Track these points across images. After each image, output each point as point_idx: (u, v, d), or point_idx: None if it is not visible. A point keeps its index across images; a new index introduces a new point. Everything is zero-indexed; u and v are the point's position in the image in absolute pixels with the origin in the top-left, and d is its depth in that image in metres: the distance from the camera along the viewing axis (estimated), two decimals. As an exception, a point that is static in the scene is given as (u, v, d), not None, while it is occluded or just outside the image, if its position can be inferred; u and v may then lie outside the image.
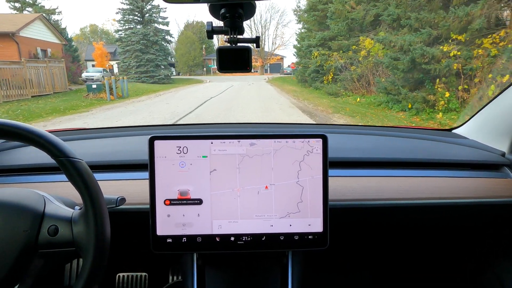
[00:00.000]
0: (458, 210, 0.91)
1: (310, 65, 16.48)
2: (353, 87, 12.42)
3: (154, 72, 25.80)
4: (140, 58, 25.76)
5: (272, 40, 66.67)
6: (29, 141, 0.58)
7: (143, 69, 25.76)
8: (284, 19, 59.15)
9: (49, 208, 0.63)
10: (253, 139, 0.74)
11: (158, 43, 26.06)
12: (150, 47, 26.14)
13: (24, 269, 0.59)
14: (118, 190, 0.85)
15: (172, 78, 27.49)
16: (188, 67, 38.54)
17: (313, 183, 0.75)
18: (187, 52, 38.40)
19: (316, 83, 16.37)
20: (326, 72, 15.13)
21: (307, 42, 16.33)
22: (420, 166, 1.00)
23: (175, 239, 0.74)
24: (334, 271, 1.21)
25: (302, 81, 18.92)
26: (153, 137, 0.72)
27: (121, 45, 25.68)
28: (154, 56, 26.06)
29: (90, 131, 1.23)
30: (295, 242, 0.76)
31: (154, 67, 25.93)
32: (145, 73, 25.74)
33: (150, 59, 25.95)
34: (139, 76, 25.67)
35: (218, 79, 29.89)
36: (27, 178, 0.91)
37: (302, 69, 18.67)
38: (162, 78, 25.70)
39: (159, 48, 26.15)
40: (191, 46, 38.64)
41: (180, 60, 38.72)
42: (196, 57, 38.71)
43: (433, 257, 1.19)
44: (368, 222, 0.94)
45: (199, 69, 39.41)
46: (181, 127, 1.38)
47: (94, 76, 21.09)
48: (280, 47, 43.43)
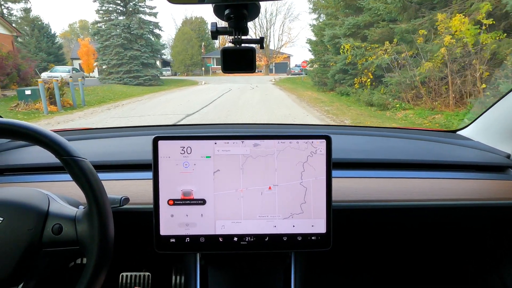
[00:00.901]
0: (462, 212, 0.91)
1: (333, 63, 12.28)
2: (415, 96, 8.11)
3: (139, 71, 21.63)
4: (122, 55, 21.58)
5: (278, 37, 60.95)
6: (34, 140, 0.58)
7: (125, 68, 21.58)
8: (292, 12, 54.30)
9: (53, 207, 0.63)
10: (256, 139, 0.74)
11: (144, 37, 21.84)
12: (134, 42, 21.91)
13: (28, 267, 0.59)
14: (122, 190, 0.86)
15: (162, 78, 23.90)
16: (185, 66, 34.59)
17: (316, 184, 0.74)
18: (184, 50, 34.51)
19: (342, 86, 12.13)
20: (360, 73, 10.83)
21: (330, 31, 12.05)
22: (425, 168, 0.99)
23: (179, 239, 0.74)
24: (337, 272, 1.20)
25: (320, 84, 14.83)
26: (157, 137, 0.72)
27: (99, 39, 21.54)
28: (139, 52, 21.85)
29: (94, 131, 1.24)
30: (298, 243, 0.75)
31: (139, 65, 21.76)
32: (128, 73, 21.56)
33: (134, 56, 21.74)
34: (121, 77, 21.53)
35: (216, 80, 26.24)
36: (32, 178, 0.91)
37: (319, 68, 14.57)
38: (149, 79, 21.62)
39: (145, 43, 21.92)
40: (188, 43, 34.82)
41: (176, 59, 34.99)
42: (194, 56, 34.97)
43: (436, 259, 1.18)
44: (372, 224, 0.93)
45: (197, 69, 35.73)
46: (184, 127, 1.40)
47: (58, 77, 16.88)
48: (287, 44, 39.30)
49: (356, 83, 11.50)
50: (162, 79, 22.87)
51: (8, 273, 0.57)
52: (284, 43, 37.88)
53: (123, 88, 17.84)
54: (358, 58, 10.38)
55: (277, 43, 54.08)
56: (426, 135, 1.21)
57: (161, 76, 32.07)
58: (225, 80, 25.42)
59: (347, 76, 11.95)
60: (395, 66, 8.89)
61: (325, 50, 14.41)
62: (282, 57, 36.09)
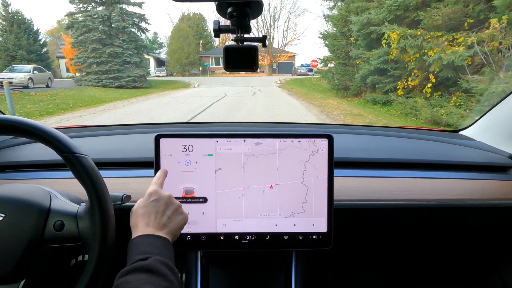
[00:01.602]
0: (464, 212, 0.90)
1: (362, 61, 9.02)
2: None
3: (121, 71, 18.34)
4: (100, 52, 18.30)
5: (282, 34, 56.48)
6: (36, 137, 0.58)
7: (104, 67, 18.30)
8: (298, 6, 50.52)
9: (55, 203, 0.63)
10: (258, 138, 0.73)
11: (127, 31, 18.58)
12: (115, 36, 18.65)
13: (30, 264, 0.59)
14: (123, 188, 0.86)
15: (149, 80, 20.89)
16: (180, 66, 31.84)
17: (318, 183, 0.74)
18: (180, 48, 31.81)
19: (375, 93, 8.87)
20: (407, 74, 7.53)
21: (363, 17, 8.72)
22: (427, 168, 0.99)
23: (180, 237, 0.72)
24: (338, 271, 1.19)
25: (340, 88, 11.51)
26: (159, 135, 0.72)
27: (74, 34, 18.31)
28: (121, 49, 18.57)
29: (96, 129, 1.25)
30: (299, 241, 0.75)
31: (121, 64, 18.51)
32: (107, 73, 18.29)
33: (114, 54, 18.45)
34: (99, 78, 18.27)
35: (212, 81, 23.02)
36: (34, 174, 0.92)
37: (340, 68, 11.18)
38: (132, 81, 18.33)
39: (128, 38, 18.67)
40: (185, 41, 32.07)
41: (171, 58, 32.26)
42: (191, 54, 32.20)
43: (437, 258, 1.18)
44: (373, 223, 0.93)
45: (194, 69, 32.99)
46: (186, 125, 1.37)
47: (15, 78, 13.66)
48: (292, 42, 35.65)
49: (399, 88, 8.15)
50: (149, 81, 19.66)
51: (10, 270, 0.58)
52: (290, 41, 34.27)
53: (98, 92, 15.07)
54: (413, 53, 7.03)
55: (282, 40, 49.88)
56: (428, 135, 1.21)
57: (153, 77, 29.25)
58: (222, 81, 22.39)
59: (385, 78, 8.65)
60: (487, 65, 5.53)
61: (348, 44, 11.05)
62: (286, 56, 32.94)
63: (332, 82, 12.84)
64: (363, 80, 9.61)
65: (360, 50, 9.67)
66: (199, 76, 31.40)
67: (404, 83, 8.17)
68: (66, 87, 16.18)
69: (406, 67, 7.95)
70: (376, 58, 8.55)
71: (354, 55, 10.03)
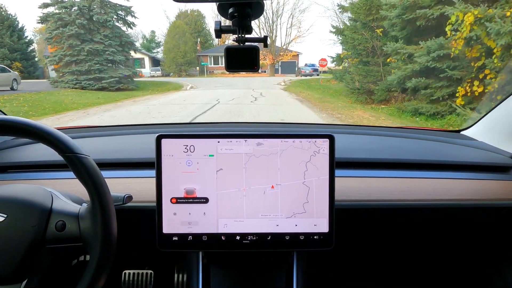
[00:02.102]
0: (465, 212, 0.90)
1: (395, 59, 6.87)
2: None
3: (103, 71, 16.05)
4: (77, 49, 15.99)
5: (285, 31, 52.94)
6: (38, 138, 0.58)
7: (82, 66, 16.00)
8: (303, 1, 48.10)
9: (56, 204, 0.63)
10: (259, 138, 0.73)
11: (109, 26, 16.27)
12: (95, 31, 16.35)
13: (32, 264, 0.59)
14: (125, 188, 0.86)
15: (137, 81, 18.44)
16: (176, 65, 29.68)
17: (319, 183, 0.74)
18: (175, 46, 29.60)
19: (416, 101, 6.54)
20: (476, 76, 5.18)
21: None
22: (428, 168, 0.98)
23: (181, 238, 0.74)
24: (339, 272, 1.19)
25: (362, 92, 9.21)
26: (160, 135, 0.72)
27: (48, 28, 16.01)
28: (102, 46, 16.24)
29: (97, 129, 1.25)
30: (300, 242, 0.75)
31: (103, 63, 16.21)
32: (87, 73, 16.01)
33: (94, 51, 16.18)
34: (77, 79, 16.00)
35: (209, 83, 20.72)
36: (36, 175, 0.92)
37: (362, 68, 8.87)
38: (115, 82, 16.04)
39: (110, 33, 16.35)
40: (181, 39, 29.93)
41: (167, 57, 30.17)
42: (188, 53, 29.98)
43: (439, 258, 1.18)
44: (374, 223, 0.93)
45: (192, 69, 30.91)
46: (188, 125, 1.40)
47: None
48: (296, 40, 33.25)
49: (458, 96, 5.78)
50: (136, 82, 17.34)
51: (12, 270, 0.58)
52: (294, 38, 31.88)
53: (71, 95, 12.95)
54: (503, 43, 4.64)
55: (285, 38, 47.42)
56: (430, 135, 1.20)
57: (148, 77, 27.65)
58: (220, 83, 19.93)
59: (435, 81, 6.28)
60: None
61: (373, 37, 8.69)
62: (290, 55, 30.67)
63: (351, 85, 10.46)
64: (401, 83, 7.24)
65: (398, 44, 7.28)
66: (196, 76, 29.56)
67: (467, 89, 5.80)
68: (40, 89, 14.34)
69: (471, 65, 5.59)
70: (425, 54, 6.20)
71: (389, 50, 7.55)
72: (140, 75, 28.36)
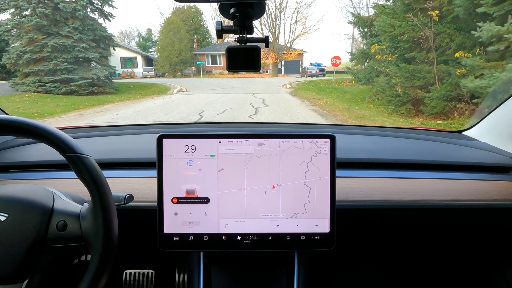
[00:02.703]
0: (466, 213, 0.90)
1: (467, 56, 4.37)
2: None
3: (72, 71, 13.35)
4: (39, 44, 13.32)
5: (289, 27, 48.51)
6: (39, 137, 0.58)
7: (47, 65, 13.28)
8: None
9: (58, 203, 0.63)
10: (261, 138, 0.73)
11: (79, 16, 13.51)
12: (62, 23, 13.61)
13: (33, 264, 0.60)
14: (126, 188, 0.86)
15: (116, 82, 15.66)
16: (170, 65, 27.43)
17: (320, 184, 0.74)
18: (169, 44, 27.49)
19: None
20: None
21: None
22: (429, 168, 0.98)
23: (182, 237, 0.74)
24: (340, 272, 1.19)
25: (402, 101, 6.86)
26: (162, 135, 0.72)
27: (3, 20, 13.30)
28: (70, 40, 13.48)
29: (99, 129, 1.24)
30: (301, 242, 0.75)
31: (72, 62, 13.50)
32: (52, 73, 13.30)
33: (60, 47, 13.46)
34: (41, 81, 13.37)
35: (203, 85, 17.86)
36: (37, 175, 0.92)
37: (404, 68, 5.92)
38: (89, 84, 13.32)
39: (81, 25, 13.62)
40: (175, 36, 27.77)
41: (160, 56, 28.10)
42: (183, 51, 27.67)
43: (440, 259, 1.17)
44: (375, 224, 0.92)
45: (187, 68, 28.57)
46: (189, 125, 1.37)
47: None
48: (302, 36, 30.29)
49: None
50: (115, 84, 14.65)
51: (13, 269, 0.58)
52: (299, 35, 29.05)
53: (24, 101, 10.67)
54: None
55: (289, 35, 44.38)
56: (431, 135, 1.20)
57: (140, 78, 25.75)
58: (215, 85, 17.17)
59: None
60: None
61: (424, 24, 6.01)
62: (294, 54, 27.93)
63: (387, 90, 7.63)
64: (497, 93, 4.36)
65: (491, 25, 4.46)
66: (191, 77, 27.24)
67: None
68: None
69: None
70: None
71: (484, 37, 4.75)
72: (133, 75, 27.06)
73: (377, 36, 9.01)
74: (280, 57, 26.94)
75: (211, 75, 28.80)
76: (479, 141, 1.14)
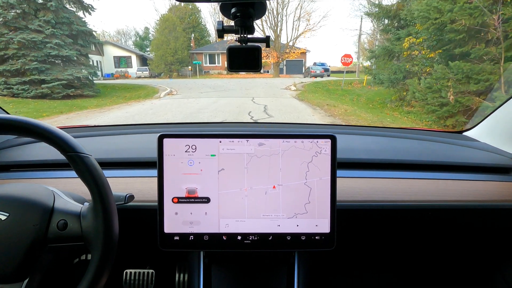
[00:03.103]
0: (467, 213, 0.90)
1: None
2: None
3: (43, 72, 11.82)
4: (4, 40, 11.83)
5: (292, 24, 46.00)
6: (40, 137, 0.58)
7: (13, 65, 11.78)
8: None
9: (58, 203, 0.64)
10: (261, 138, 0.74)
11: (51, 8, 11.87)
12: (32, 15, 12.07)
13: (33, 263, 0.60)
14: (127, 187, 0.86)
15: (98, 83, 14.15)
16: (165, 64, 25.93)
17: (321, 184, 0.74)
18: (164, 42, 26.08)
19: None
20: None
21: None
22: (430, 169, 0.99)
23: (182, 237, 0.74)
24: (340, 272, 1.18)
25: (453, 111, 5.42)
26: (162, 135, 0.72)
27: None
28: (42, 36, 11.98)
29: (100, 128, 1.25)
30: (302, 242, 0.75)
31: (44, 61, 12.02)
32: (20, 74, 11.79)
33: (29, 43, 11.94)
34: (7, 82, 11.95)
35: (197, 86, 16.26)
36: (38, 174, 0.92)
37: (457, 66, 4.02)
38: (64, 86, 11.83)
39: (54, 18, 11.98)
40: (170, 33, 26.37)
41: (155, 55, 26.58)
42: (179, 50, 26.22)
43: (440, 260, 1.17)
44: (376, 224, 0.92)
45: (184, 68, 26.96)
46: (190, 125, 1.36)
47: None
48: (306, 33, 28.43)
49: None
50: (96, 86, 12.99)
51: (13, 268, 0.58)
52: (303, 32, 26.88)
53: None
54: None
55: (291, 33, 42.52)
56: (432, 136, 1.20)
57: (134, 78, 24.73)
58: (210, 86, 15.51)
59: None
60: None
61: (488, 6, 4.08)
62: (297, 53, 25.98)
63: (431, 98, 5.73)
64: None
65: None
66: (188, 77, 25.53)
67: None
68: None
69: None
70: None
71: None
72: (127, 75, 25.95)
73: (406, 28, 7.26)
74: (282, 56, 25.02)
75: (209, 76, 27.30)
76: (480, 141, 1.15)
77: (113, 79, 23.43)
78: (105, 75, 25.05)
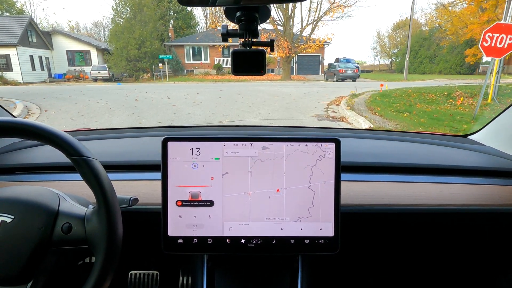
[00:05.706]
0: (472, 217, 0.90)
1: None
2: None
3: None
4: None
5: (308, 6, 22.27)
6: (46, 140, 0.59)
7: None
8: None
9: (63, 206, 0.64)
10: (265, 142, 0.74)
11: None
12: None
13: (38, 265, 0.60)
14: (131, 190, 0.87)
15: None
16: (127, 61, 17.99)
17: (325, 188, 0.74)
18: (126, 29, 17.82)
19: None
20: None
21: None
22: (435, 172, 0.99)
23: (186, 240, 0.74)
24: (344, 276, 1.18)
25: None
26: (167, 138, 0.73)
27: None
28: None
29: (105, 132, 1.25)
30: (305, 246, 0.75)
31: None
32: None
33: None
34: None
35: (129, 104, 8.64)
36: (43, 177, 0.93)
37: None
38: None
39: None
40: (135, 18, 18.05)
41: (115, 47, 18.82)
42: (147, 41, 17.99)
43: (445, 264, 1.17)
44: (380, 228, 0.93)
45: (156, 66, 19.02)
46: (194, 128, 1.38)
47: None
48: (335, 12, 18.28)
49: None
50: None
51: (18, 271, 0.58)
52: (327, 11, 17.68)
53: None
54: None
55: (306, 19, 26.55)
56: (436, 140, 1.20)
57: (90, 80, 18.10)
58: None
59: None
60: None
61: None
62: (313, 46, 18.09)
63: None
64: None
65: None
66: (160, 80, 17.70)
67: None
68: None
69: None
70: None
71: None
72: (82, 76, 19.77)
73: None
74: (295, 49, 17.88)
75: (192, 77, 19.59)
76: (485, 145, 1.15)
77: (63, 82, 17.43)
78: (55, 75, 19.19)
